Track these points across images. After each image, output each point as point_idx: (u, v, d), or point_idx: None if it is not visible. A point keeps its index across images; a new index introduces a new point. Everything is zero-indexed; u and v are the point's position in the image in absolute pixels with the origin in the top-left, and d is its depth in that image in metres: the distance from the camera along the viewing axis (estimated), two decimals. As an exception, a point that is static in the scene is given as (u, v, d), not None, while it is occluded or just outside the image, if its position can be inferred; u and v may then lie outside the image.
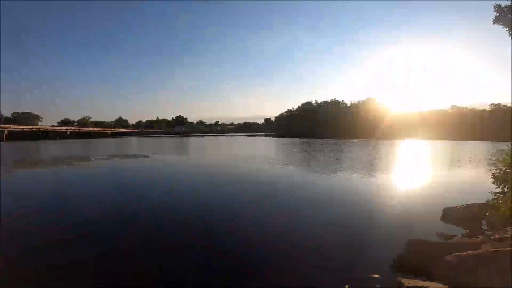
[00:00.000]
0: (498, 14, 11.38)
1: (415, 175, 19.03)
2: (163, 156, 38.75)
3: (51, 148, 53.27)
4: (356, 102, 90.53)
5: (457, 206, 9.62)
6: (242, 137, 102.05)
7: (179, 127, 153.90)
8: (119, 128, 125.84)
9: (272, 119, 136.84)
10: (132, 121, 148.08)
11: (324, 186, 16.56)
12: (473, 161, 26.31)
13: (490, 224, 7.94)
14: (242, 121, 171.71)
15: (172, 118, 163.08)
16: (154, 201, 12.85)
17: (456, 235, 7.68)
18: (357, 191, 15.01)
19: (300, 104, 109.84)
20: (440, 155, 28.65)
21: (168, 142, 77.22)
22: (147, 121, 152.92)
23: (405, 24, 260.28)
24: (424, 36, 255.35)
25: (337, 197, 13.72)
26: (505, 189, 9.81)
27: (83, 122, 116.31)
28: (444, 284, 4.40)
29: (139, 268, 6.46)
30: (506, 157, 11.31)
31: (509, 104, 70.92)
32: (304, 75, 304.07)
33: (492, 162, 14.28)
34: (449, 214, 9.46)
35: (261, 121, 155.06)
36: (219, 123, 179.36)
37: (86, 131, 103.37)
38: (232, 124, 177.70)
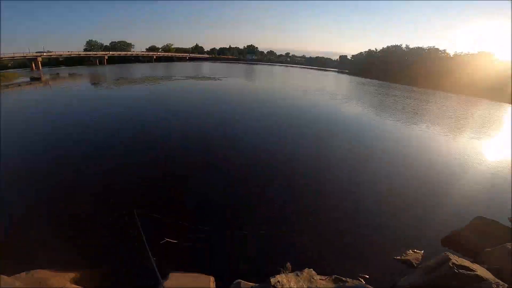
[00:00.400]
0: None
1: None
2: (232, 79, 41.35)
3: (142, 69, 60.91)
4: (463, 53, 71.91)
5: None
6: (311, 70, 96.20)
7: (249, 55, 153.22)
8: (196, 54, 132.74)
9: (349, 57, 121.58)
10: (207, 48, 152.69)
11: (402, 140, 15.43)
12: None
13: None
14: (314, 55, 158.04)
15: (244, 46, 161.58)
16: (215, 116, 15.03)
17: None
18: (439, 151, 13.59)
19: (385, 46, 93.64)
20: None
21: (238, 68, 79.05)
22: (220, 48, 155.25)
23: None
24: None
25: (415, 154, 12.86)
26: None
27: (166, 48, 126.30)
28: (491, 271, 4.30)
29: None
30: None
31: None
32: (395, 19, 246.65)
33: None
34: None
35: (335, 58, 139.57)
36: (290, 54, 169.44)
37: (169, 56, 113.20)
38: (303, 56, 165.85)
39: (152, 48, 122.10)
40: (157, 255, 5.19)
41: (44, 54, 68.79)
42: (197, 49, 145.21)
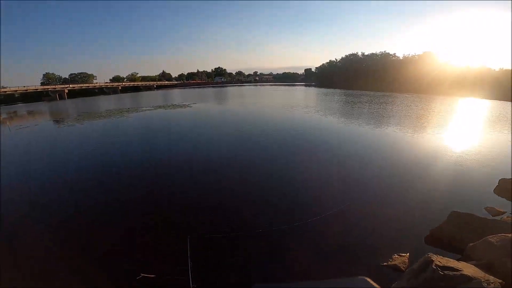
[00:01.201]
0: None
1: (474, 137, 16.94)
2: (203, 105, 40.99)
3: (108, 102, 58.81)
4: (410, 55, 79.70)
5: (516, 178, 8.67)
6: (280, 86, 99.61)
7: (218, 78, 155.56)
8: (164, 81, 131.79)
9: (313, 69, 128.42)
10: (174, 74, 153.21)
11: (368, 140, 16.10)
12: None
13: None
14: (281, 72, 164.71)
15: (212, 69, 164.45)
16: (191, 144, 14.58)
17: (506, 212, 7.13)
18: (403, 148, 14.24)
19: (344, 55, 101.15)
20: (510, 118, 24.61)
21: (208, 92, 79.44)
22: (188, 73, 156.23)
23: None
24: None
25: (381, 154, 13.27)
26: None
27: (132, 78, 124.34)
28: (478, 267, 4.24)
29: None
30: None
31: None
32: (349, 27, 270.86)
33: None
34: (505, 187, 8.63)
35: (301, 71, 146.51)
36: (258, 73, 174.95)
37: (135, 85, 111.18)
38: (270, 74, 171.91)
39: (117, 79, 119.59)
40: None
41: (-3, 90, 64.28)
42: (165, 76, 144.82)
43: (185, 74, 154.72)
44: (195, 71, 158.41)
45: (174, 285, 5.00)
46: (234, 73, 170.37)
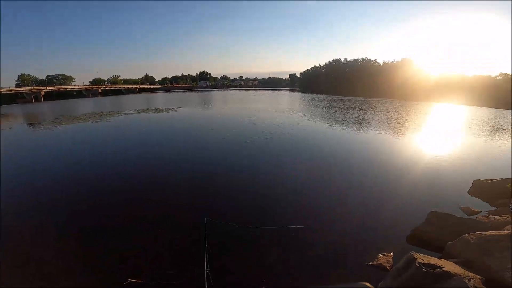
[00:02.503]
0: None
1: (449, 141, 17.90)
2: (187, 109, 40.51)
3: (87, 104, 56.68)
4: (390, 61, 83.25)
5: (488, 180, 9.22)
6: (265, 91, 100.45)
7: (203, 82, 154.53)
8: (147, 85, 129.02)
9: (298, 75, 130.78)
10: (158, 77, 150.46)
11: (346, 145, 16.57)
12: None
13: (521, 203, 7.58)
14: (266, 76, 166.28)
15: (196, 73, 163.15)
16: (176, 149, 14.15)
17: (481, 211, 7.54)
18: (382, 153, 14.76)
19: (327, 61, 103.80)
20: (483, 122, 26.29)
21: (193, 96, 78.82)
22: (172, 77, 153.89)
23: None
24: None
25: (360, 158, 13.68)
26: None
27: (113, 80, 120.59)
28: (458, 264, 4.45)
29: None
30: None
31: None
32: (334, 33, 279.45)
33: None
34: (479, 187, 9.15)
35: (285, 76, 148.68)
36: (243, 77, 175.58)
37: (116, 88, 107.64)
38: (255, 79, 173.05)
39: (97, 81, 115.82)
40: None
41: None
42: (148, 79, 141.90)
43: (169, 77, 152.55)
44: (180, 74, 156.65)
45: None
46: (219, 77, 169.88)
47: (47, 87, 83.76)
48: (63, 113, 40.49)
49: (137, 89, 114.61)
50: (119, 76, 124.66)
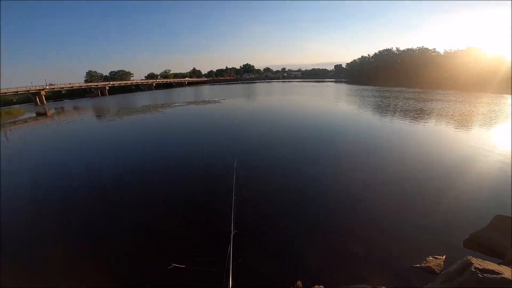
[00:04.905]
0: None
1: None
2: (231, 100, 42.06)
3: (143, 97, 62.45)
4: (452, 51, 73.42)
5: None
6: (309, 82, 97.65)
7: (247, 74, 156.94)
8: (194, 78, 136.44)
9: (344, 65, 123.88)
10: (204, 71, 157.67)
11: (410, 138, 15.43)
12: None
13: None
14: (310, 68, 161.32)
15: (240, 66, 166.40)
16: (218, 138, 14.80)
17: (557, 219, 6.51)
18: (444, 148, 13.42)
19: (377, 51, 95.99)
20: None
21: (237, 88, 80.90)
22: (217, 70, 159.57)
23: None
24: None
25: (423, 152, 12.70)
26: None
27: (165, 75, 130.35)
28: None
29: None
30: None
31: None
32: (382, 22, 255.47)
33: None
34: (560, 192, 7.85)
35: (331, 67, 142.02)
36: (286, 69, 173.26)
37: (168, 82, 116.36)
38: (299, 70, 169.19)
39: (151, 76, 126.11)
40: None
41: (47, 87, 70.94)
42: (195, 73, 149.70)
43: (214, 71, 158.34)
44: (224, 67, 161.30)
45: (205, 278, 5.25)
46: (262, 69, 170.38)
47: (111, 82, 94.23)
48: (125, 105, 45.33)
49: (186, 83, 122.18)
50: (170, 70, 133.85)
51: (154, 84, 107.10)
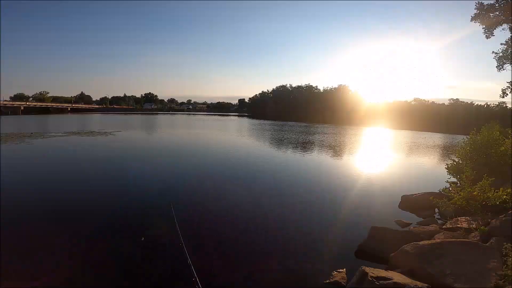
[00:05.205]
0: (478, 11, 12.10)
1: (379, 161, 20.48)
2: (130, 133, 37.42)
3: (4, 124, 47.86)
4: (328, 88, 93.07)
5: (414, 194, 10.50)
6: (214, 116, 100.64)
7: (148, 104, 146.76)
8: (81, 104, 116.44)
9: (247, 100, 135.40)
10: (96, 97, 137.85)
11: (285, 168, 17.27)
12: (433, 151, 28.50)
13: (442, 213, 8.77)
14: (215, 101, 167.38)
15: (141, 95, 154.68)
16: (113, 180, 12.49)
17: (411, 223, 8.43)
18: (322, 174, 16.04)
19: (275, 87, 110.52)
20: (404, 143, 31.13)
21: (135, 119, 73.85)
22: (113, 97, 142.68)
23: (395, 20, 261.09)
24: (409, 32, 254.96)
25: (301, 180, 14.38)
26: (457, 180, 10.82)
27: (40, 97, 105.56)
28: (403, 273, 4.75)
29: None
30: (460, 150, 12.51)
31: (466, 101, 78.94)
32: (285, 60, 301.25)
33: (450, 153, 15.89)
34: (407, 201, 10.31)
35: (235, 101, 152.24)
36: (192, 101, 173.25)
37: (42, 106, 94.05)
38: (205, 103, 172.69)
39: (20, 97, 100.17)
40: None
41: None
42: (83, 98, 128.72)
43: (109, 97, 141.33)
44: (122, 95, 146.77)
45: None
46: (166, 100, 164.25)
47: None
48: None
49: (69, 109, 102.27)
50: (48, 92, 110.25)
51: (22, 108, 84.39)
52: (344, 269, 5.78)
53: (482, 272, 4.35)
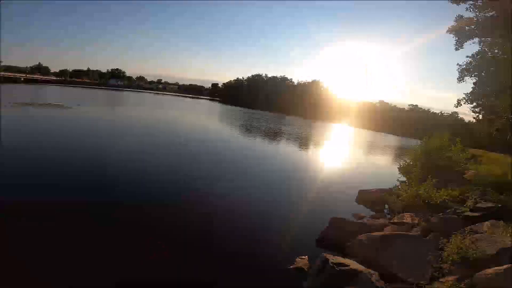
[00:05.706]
0: (456, 24, 12.45)
1: (340, 156, 22.24)
2: (90, 108, 35.25)
3: None
4: (302, 82, 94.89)
5: (370, 190, 11.75)
6: (185, 98, 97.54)
7: (114, 80, 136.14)
8: (38, 75, 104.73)
9: (220, 85, 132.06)
10: (55, 68, 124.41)
11: (248, 157, 18.12)
12: (390, 151, 31.25)
13: (391, 208, 10.05)
14: (188, 83, 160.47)
15: (107, 70, 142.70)
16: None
17: (365, 216, 9.58)
18: (286, 166, 17.03)
19: (250, 75, 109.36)
20: (364, 142, 33.74)
21: (98, 94, 68.40)
22: (74, 70, 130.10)
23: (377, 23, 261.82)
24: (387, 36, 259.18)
25: (263, 172, 15.02)
26: (406, 179, 12.31)
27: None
28: (358, 261, 5.57)
29: None
30: (412, 152, 14.13)
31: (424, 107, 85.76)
32: (263, 50, 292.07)
33: (404, 154, 17.87)
34: (363, 196, 11.53)
35: (208, 85, 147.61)
36: (163, 81, 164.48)
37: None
38: (176, 84, 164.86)
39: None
40: None
41: None
42: (40, 69, 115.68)
43: (70, 70, 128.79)
44: (85, 68, 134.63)
45: None
46: (134, 77, 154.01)
47: None
48: None
49: (22, 79, 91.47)
50: (1, 62, 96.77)
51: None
52: (307, 256, 6.54)
53: (422, 264, 5.28)
